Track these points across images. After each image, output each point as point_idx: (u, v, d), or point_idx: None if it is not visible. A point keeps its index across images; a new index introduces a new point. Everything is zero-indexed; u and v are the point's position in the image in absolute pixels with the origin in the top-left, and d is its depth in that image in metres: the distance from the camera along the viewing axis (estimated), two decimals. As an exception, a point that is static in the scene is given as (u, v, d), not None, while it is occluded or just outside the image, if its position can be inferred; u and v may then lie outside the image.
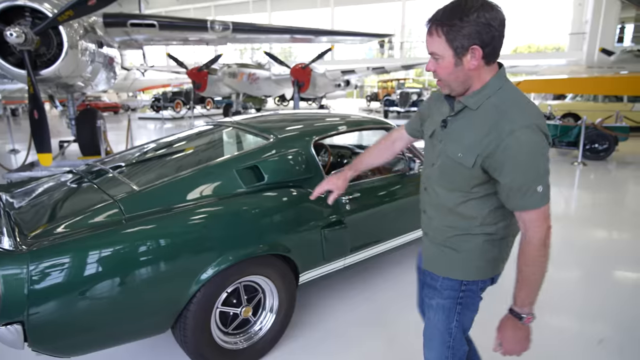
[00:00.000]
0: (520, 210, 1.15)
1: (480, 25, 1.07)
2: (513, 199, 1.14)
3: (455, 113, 1.23)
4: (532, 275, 1.16)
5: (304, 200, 2.23)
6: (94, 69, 6.63)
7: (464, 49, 1.11)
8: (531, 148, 1.09)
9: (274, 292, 2.19)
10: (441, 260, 1.35)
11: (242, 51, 36.32)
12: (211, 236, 1.88)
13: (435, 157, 1.30)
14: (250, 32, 8.57)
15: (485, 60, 1.13)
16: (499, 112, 1.13)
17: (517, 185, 1.11)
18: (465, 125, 1.20)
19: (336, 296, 2.82)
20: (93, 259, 1.60)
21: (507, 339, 1.20)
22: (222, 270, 1.88)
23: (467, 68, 1.14)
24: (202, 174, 2.06)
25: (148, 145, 2.94)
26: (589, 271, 3.34)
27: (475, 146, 1.15)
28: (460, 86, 1.18)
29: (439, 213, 1.33)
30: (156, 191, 1.93)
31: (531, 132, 1.09)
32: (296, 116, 3.07)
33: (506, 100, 1.15)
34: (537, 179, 1.10)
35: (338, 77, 16.16)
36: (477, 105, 1.17)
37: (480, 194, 1.23)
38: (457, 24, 1.09)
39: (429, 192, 1.36)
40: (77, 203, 2.01)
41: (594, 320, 2.61)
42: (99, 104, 21.60)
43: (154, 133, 13.92)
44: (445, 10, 1.12)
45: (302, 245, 2.22)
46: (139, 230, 1.73)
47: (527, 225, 1.15)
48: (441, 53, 1.15)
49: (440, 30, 1.12)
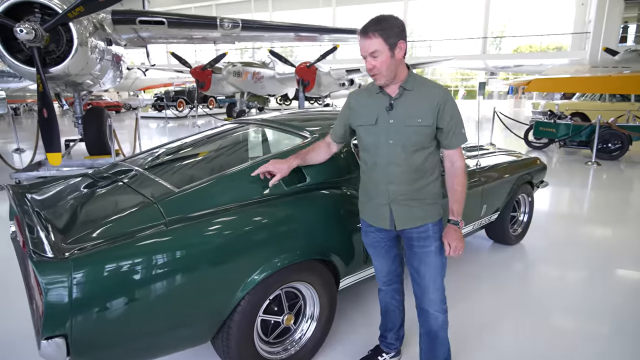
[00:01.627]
0: (452, 148, 1.68)
1: (399, 28, 1.57)
2: (450, 139, 1.67)
3: (397, 97, 1.66)
4: (462, 193, 1.71)
5: (346, 202, 2.12)
6: (103, 67, 6.50)
7: (395, 45, 1.56)
8: (454, 103, 1.66)
9: (315, 298, 2.08)
10: (422, 213, 1.73)
11: (243, 50, 36.18)
12: (257, 240, 1.77)
13: (392, 134, 1.66)
14: (259, 30, 8.45)
15: (405, 53, 1.61)
16: (430, 87, 1.66)
17: (452, 129, 1.65)
18: (412, 101, 1.65)
19: (376, 301, 2.71)
20: (137, 267, 1.48)
21: (452, 239, 1.68)
22: (267, 277, 1.78)
23: (397, 59, 1.59)
24: (243, 174, 1.94)
25: (172, 144, 2.81)
26: (604, 271, 3.25)
27: (430, 110, 1.62)
28: (393, 75, 1.62)
29: (409, 177, 1.69)
30: (196, 192, 1.81)
31: (451, 95, 1.68)
32: (324, 114, 2.96)
33: (427, 82, 1.70)
34: (461, 124, 1.68)
35: (342, 76, 16.05)
36: (412, 87, 1.65)
37: (433, 146, 1.70)
38: (387, 27, 1.55)
39: (391, 165, 1.69)
40: (112, 205, 1.89)
41: (602, 318, 2.57)
42: (101, 102, 21.41)
43: (156, 132, 13.79)
44: (374, 21, 1.57)
45: (343, 249, 2.11)
46: (183, 235, 1.62)
47: (456, 158, 1.70)
48: (381, 49, 1.55)
49: (378, 34, 1.54)
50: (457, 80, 38.97)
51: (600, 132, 7.52)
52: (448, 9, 29.70)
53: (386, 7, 29.97)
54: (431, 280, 1.77)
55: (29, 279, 1.71)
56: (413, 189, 1.70)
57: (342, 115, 1.87)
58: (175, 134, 13.31)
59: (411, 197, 1.71)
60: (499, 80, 35.09)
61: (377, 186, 1.75)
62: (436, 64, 23.59)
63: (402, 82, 1.65)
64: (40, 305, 1.42)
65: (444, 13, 30.01)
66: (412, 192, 1.70)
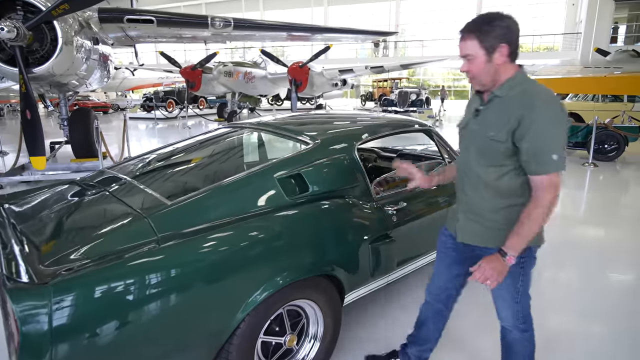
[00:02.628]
0: (534, 175, 1.37)
1: (503, 29, 1.37)
2: (531, 163, 1.37)
3: (486, 103, 1.49)
4: (528, 228, 1.39)
5: (351, 213, 1.99)
6: (89, 67, 6.28)
7: (493, 48, 1.38)
8: (550, 119, 1.33)
9: (319, 317, 1.93)
10: (492, 234, 1.53)
11: (234, 50, 35.85)
12: (258, 257, 1.62)
13: (470, 142, 1.54)
14: (251, 29, 8.27)
15: (510, 57, 1.41)
16: (524, 96, 1.37)
17: (535, 151, 1.34)
18: (495, 111, 1.45)
19: (380, 315, 2.57)
20: (126, 291, 1.33)
21: (489, 268, 1.41)
22: (269, 296, 1.63)
23: (496, 64, 1.41)
24: (241, 184, 1.79)
25: (163, 150, 2.65)
26: (600, 272, 3.16)
27: (506, 123, 1.38)
28: (490, 81, 1.44)
29: (479, 191, 1.53)
30: (191, 205, 1.65)
31: (550, 106, 1.35)
32: (322, 117, 2.82)
33: (528, 87, 1.40)
34: (553, 147, 1.33)
35: (335, 76, 15.90)
36: (505, 93, 1.43)
37: (512, 167, 1.44)
38: (486, 28, 1.38)
39: (466, 174, 1.57)
40: (98, 219, 1.73)
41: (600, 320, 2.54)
42: (88, 103, 20.99)
43: (145, 134, 13.52)
44: (473, 21, 1.42)
45: (349, 263, 1.97)
46: (178, 254, 1.46)
47: (538, 187, 1.38)
48: (474, 53, 1.41)
49: (473, 35, 1.39)
50: (449, 81, 39.08)
51: (597, 133, 7.49)
52: (440, 9, 29.75)
53: (378, 6, 29.96)
54: (498, 298, 1.64)
55: (5, 304, 1.54)
56: (482, 206, 1.54)
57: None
58: (164, 135, 13.06)
59: (478, 213, 1.56)
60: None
61: (457, 190, 1.68)
62: (429, 64, 23.58)
63: (497, 87, 1.45)
64: (16, 335, 1.25)
65: (436, 12, 30.05)
66: (480, 209, 1.55)
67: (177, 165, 2.38)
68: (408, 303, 2.72)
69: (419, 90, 18.38)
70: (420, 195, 2.44)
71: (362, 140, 2.25)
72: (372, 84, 28.03)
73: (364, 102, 26.72)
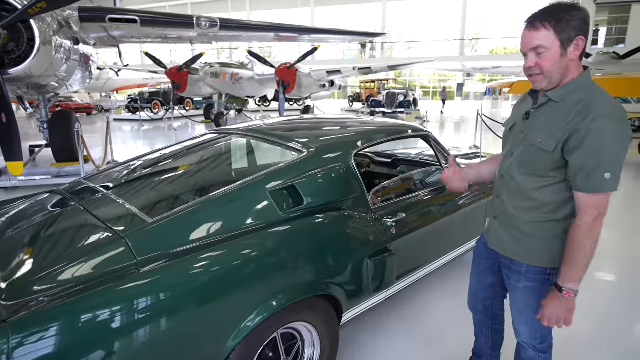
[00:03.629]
0: (581, 192, 1.24)
1: (582, 20, 1.21)
2: (578, 178, 1.23)
3: (538, 106, 1.35)
4: (576, 255, 1.25)
5: (349, 227, 1.86)
6: (69, 68, 6.03)
7: (570, 40, 1.22)
8: (610, 133, 1.18)
9: (316, 339, 1.79)
10: (521, 247, 1.44)
11: (220, 51, 35.47)
12: (250, 279, 1.48)
13: (516, 146, 1.41)
14: (238, 29, 8.09)
15: (581, 53, 1.24)
16: (583, 104, 1.22)
17: (586, 165, 1.20)
18: (548, 116, 1.31)
19: (380, 330, 2.45)
20: (98, 325, 1.17)
21: (552, 310, 1.31)
22: (263, 321, 1.49)
23: (569, 58, 1.24)
24: (230, 198, 1.65)
25: (146, 157, 2.48)
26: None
27: (557, 132, 1.25)
28: (559, 77, 1.27)
29: (515, 198, 1.42)
30: (175, 223, 1.50)
31: (611, 120, 1.18)
32: (318, 123, 2.69)
33: (590, 94, 1.24)
34: (607, 165, 1.18)
35: (323, 77, 15.76)
36: (562, 98, 1.27)
37: (557, 180, 1.31)
38: (565, 17, 1.20)
39: (505, 179, 1.46)
40: (68, 241, 1.56)
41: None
42: (71, 104, 20.44)
43: (130, 136, 13.20)
44: (548, 9, 1.23)
45: (347, 280, 1.84)
46: (160, 280, 1.31)
47: (582, 207, 1.24)
48: (548, 45, 1.22)
49: (548, 24, 1.21)
50: (434, 82, 39.34)
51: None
52: (426, 10, 29.92)
53: (365, 7, 29.98)
54: (517, 312, 1.53)
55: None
56: (517, 216, 1.43)
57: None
58: (150, 137, 12.76)
59: (511, 223, 1.45)
60: (475, 82, 35.63)
61: (493, 194, 1.59)
62: (416, 65, 23.68)
63: (555, 89, 1.29)
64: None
65: (422, 14, 30.21)
66: (514, 219, 1.44)
67: (161, 176, 2.22)
68: (404, 313, 2.62)
69: (407, 92, 18.37)
70: (419, 204, 2.33)
71: (359, 147, 2.13)
72: (359, 85, 28.00)
73: (352, 103, 26.67)
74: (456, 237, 2.63)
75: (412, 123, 2.79)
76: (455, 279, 3.05)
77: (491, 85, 17.23)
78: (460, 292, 2.88)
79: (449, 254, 2.60)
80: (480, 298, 1.76)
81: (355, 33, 11.07)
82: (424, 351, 2.29)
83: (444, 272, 3.07)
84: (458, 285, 2.96)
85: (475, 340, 1.94)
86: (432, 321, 2.56)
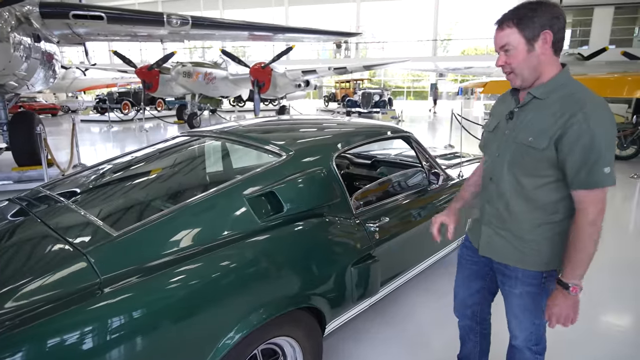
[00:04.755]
0: (582, 189, 1.23)
1: (548, 15, 1.22)
2: (579, 176, 1.21)
3: (522, 105, 1.34)
4: (580, 252, 1.25)
5: (331, 234, 1.77)
6: (30, 67, 5.71)
7: (536, 35, 1.23)
8: (603, 129, 1.18)
9: (299, 354, 1.69)
10: (517, 252, 1.40)
11: (192, 50, 34.72)
12: (228, 295, 1.37)
13: (503, 148, 1.38)
14: (210, 28, 7.87)
15: (554, 48, 1.25)
16: (570, 100, 1.23)
17: (585, 163, 1.19)
18: (534, 114, 1.30)
19: (364, 338, 2.37)
20: (54, 353, 1.04)
21: (559, 308, 1.29)
22: (242, 338, 1.38)
23: (539, 53, 1.25)
24: (204, 207, 1.52)
25: (113, 162, 2.31)
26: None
27: (548, 129, 1.24)
28: (532, 74, 1.28)
29: (508, 203, 1.39)
30: (144, 236, 1.37)
31: (603, 114, 1.20)
32: (296, 124, 2.58)
33: (575, 90, 1.25)
34: (605, 159, 1.19)
35: (298, 77, 15.63)
36: (546, 95, 1.27)
37: (551, 179, 1.30)
38: (528, 14, 1.23)
39: (495, 182, 1.42)
40: (21, 259, 1.39)
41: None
42: (34, 105, 19.53)
43: (99, 138, 12.70)
44: (515, 8, 1.26)
45: (330, 290, 1.75)
46: (128, 302, 1.18)
47: (584, 204, 1.24)
48: (514, 43, 1.25)
49: (512, 23, 1.25)
50: (408, 82, 39.81)
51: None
52: (399, 11, 30.22)
53: (339, 7, 30.01)
54: (513, 317, 1.51)
55: None
56: (511, 220, 1.40)
57: (487, 122, 1.60)
58: (120, 138, 12.31)
59: (505, 228, 1.42)
60: (447, 82, 36.26)
61: (480, 200, 1.54)
62: (390, 65, 23.85)
63: (537, 86, 1.30)
64: None
65: (395, 15, 30.50)
66: (509, 223, 1.41)
67: (128, 183, 2.07)
68: (388, 319, 2.55)
69: (382, 92, 18.47)
70: (401, 207, 2.26)
71: (340, 150, 2.05)
72: (334, 85, 28.00)
73: (327, 103, 26.64)
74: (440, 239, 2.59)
75: (390, 123, 2.73)
76: (439, 282, 3.01)
77: (464, 86, 17.51)
78: (445, 295, 2.84)
79: (433, 256, 2.56)
80: (469, 304, 1.73)
81: (331, 32, 11.00)
82: (410, 357, 2.22)
83: (427, 275, 3.03)
84: (442, 288, 2.92)
85: (462, 346, 1.90)
86: (416, 326, 2.50)
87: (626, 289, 2.99)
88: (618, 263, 3.40)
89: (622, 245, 3.87)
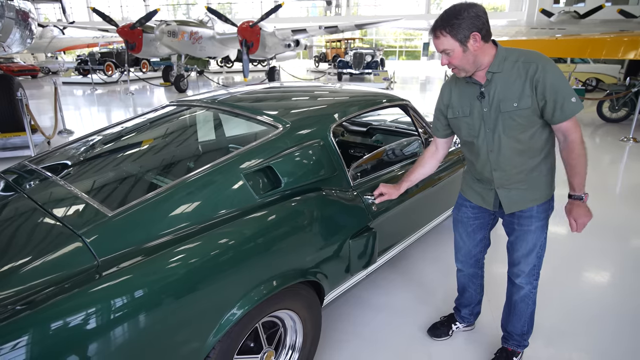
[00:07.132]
0: (563, 121, 1.49)
1: (472, 18, 1.43)
2: (559, 113, 1.47)
3: (486, 83, 1.55)
4: (580, 166, 1.53)
5: (330, 208, 1.75)
6: (5, 27, 5.40)
7: (466, 37, 1.44)
8: (556, 71, 1.46)
9: (299, 325, 1.72)
10: (532, 195, 1.66)
11: (176, 7, 33.19)
12: (228, 272, 1.36)
13: (488, 123, 1.59)
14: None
15: (484, 40, 1.48)
16: (525, 61, 1.49)
17: (558, 101, 1.46)
18: (503, 84, 1.52)
19: (361, 303, 2.42)
20: (54, 340, 1.02)
21: (578, 216, 1.56)
22: (244, 314, 1.39)
23: (473, 50, 1.47)
24: (200, 184, 1.48)
25: (102, 134, 2.23)
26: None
27: (523, 90, 1.48)
28: (473, 66, 1.52)
29: (513, 162, 1.61)
30: (140, 215, 1.34)
31: (549, 61, 1.48)
32: (289, 92, 2.50)
33: (518, 54, 1.52)
34: (568, 92, 1.46)
35: (288, 37, 15.10)
36: (501, 68, 1.51)
37: (538, 125, 1.54)
38: (456, 22, 1.43)
39: (499, 153, 1.61)
40: (10, 241, 1.36)
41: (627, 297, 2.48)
42: (12, 66, 18.72)
43: (84, 101, 12.31)
44: (442, 17, 1.47)
45: (329, 263, 1.75)
46: (127, 283, 1.16)
47: (569, 131, 1.51)
48: (451, 47, 1.47)
49: (445, 31, 1.46)
50: (400, 41, 38.85)
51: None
52: (392, -34, 28.97)
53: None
54: (523, 255, 1.75)
55: None
56: (521, 173, 1.63)
57: (437, 107, 1.80)
58: (105, 102, 11.94)
59: (519, 180, 1.64)
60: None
61: (481, 174, 1.73)
62: (382, 24, 23.15)
63: (489, 67, 1.52)
64: None
65: (387, -30, 29.23)
66: (520, 176, 1.63)
67: (119, 155, 2.00)
68: (384, 284, 2.61)
69: (374, 52, 18.00)
70: (398, 177, 2.24)
71: (337, 121, 1.99)
72: (325, 44, 27.21)
73: (318, 63, 25.99)
74: (436, 206, 2.61)
75: (386, 91, 2.65)
76: (435, 246, 3.06)
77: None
78: (441, 259, 2.89)
79: (430, 223, 2.58)
80: (474, 253, 1.97)
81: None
82: (406, 318, 2.29)
83: (424, 239, 3.07)
84: (437, 252, 2.98)
85: (461, 294, 2.15)
86: (410, 292, 2.56)
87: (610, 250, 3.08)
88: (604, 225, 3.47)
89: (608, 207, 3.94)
